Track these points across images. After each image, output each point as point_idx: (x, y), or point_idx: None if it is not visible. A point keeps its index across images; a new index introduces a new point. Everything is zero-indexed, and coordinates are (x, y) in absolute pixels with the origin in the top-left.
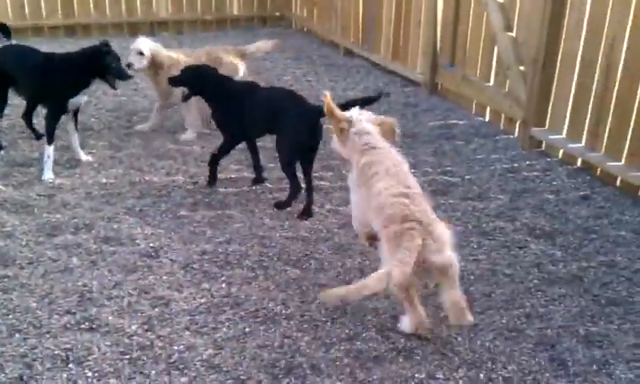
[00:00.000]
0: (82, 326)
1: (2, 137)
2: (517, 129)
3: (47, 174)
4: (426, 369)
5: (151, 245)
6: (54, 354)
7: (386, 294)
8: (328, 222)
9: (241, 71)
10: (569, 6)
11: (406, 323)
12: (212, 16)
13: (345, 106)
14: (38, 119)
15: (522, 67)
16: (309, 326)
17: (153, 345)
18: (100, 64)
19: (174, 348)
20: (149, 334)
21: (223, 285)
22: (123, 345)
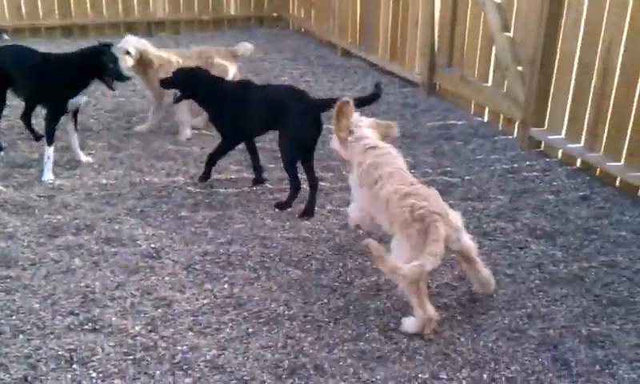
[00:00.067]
0: (86, 326)
1: (2, 138)
2: (516, 129)
3: (47, 175)
4: (430, 369)
5: (153, 245)
6: (58, 355)
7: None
8: (329, 223)
9: (231, 73)
10: (566, 7)
11: (409, 324)
12: (209, 16)
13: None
14: (37, 120)
15: (519, 67)
16: (312, 326)
17: (156, 345)
18: (98, 65)
19: (178, 348)
20: (152, 334)
21: (225, 285)
22: (127, 345)
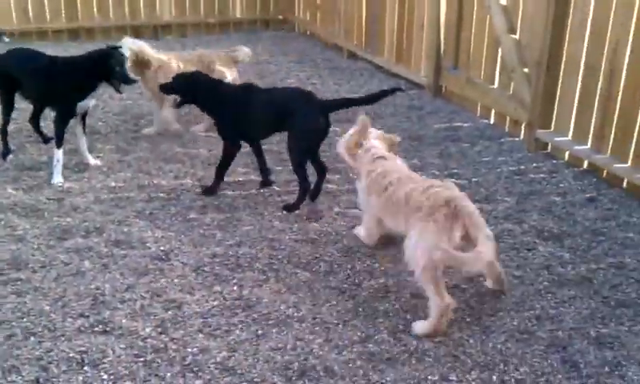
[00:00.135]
0: (96, 328)
1: (11, 141)
2: (522, 131)
3: (57, 178)
4: (439, 371)
5: (162, 248)
6: (70, 357)
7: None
8: (336, 225)
9: (230, 77)
10: (572, 8)
11: (419, 327)
12: (215, 19)
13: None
14: (46, 123)
15: (526, 69)
16: (321, 328)
17: (167, 347)
18: (106, 68)
19: (188, 350)
20: (162, 336)
21: (235, 287)
22: (137, 347)
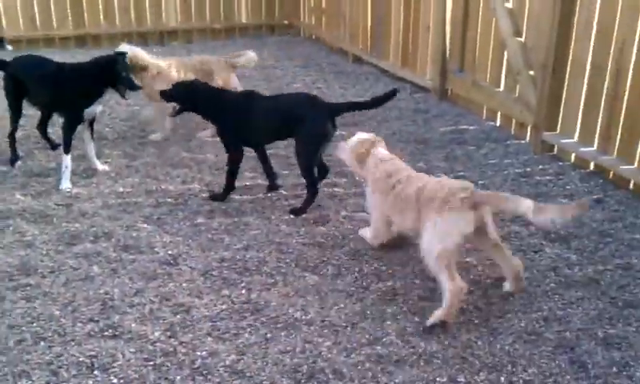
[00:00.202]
0: (106, 333)
1: (19, 147)
2: (528, 133)
3: (65, 184)
4: (447, 372)
5: (170, 252)
6: (80, 361)
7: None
8: (343, 228)
9: (233, 83)
10: (578, 10)
11: (436, 314)
12: (220, 25)
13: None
14: (54, 129)
15: (531, 72)
16: (329, 331)
17: (176, 351)
18: (112, 73)
19: (197, 354)
20: (172, 340)
21: (243, 291)
22: (147, 351)
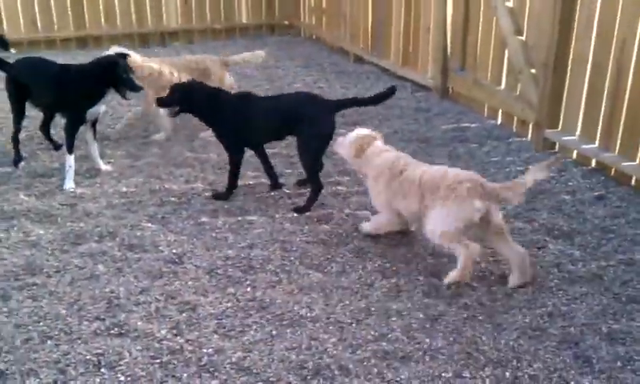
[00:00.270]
0: (112, 331)
1: (22, 148)
2: (530, 131)
3: (68, 184)
4: (453, 368)
5: (175, 251)
6: (87, 360)
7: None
8: (347, 226)
9: (227, 81)
10: (578, 9)
11: (451, 276)
12: (221, 25)
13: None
14: (57, 130)
15: (533, 70)
16: (334, 328)
17: (182, 349)
18: (113, 75)
19: (204, 351)
20: (178, 338)
21: (248, 289)
22: (153, 349)
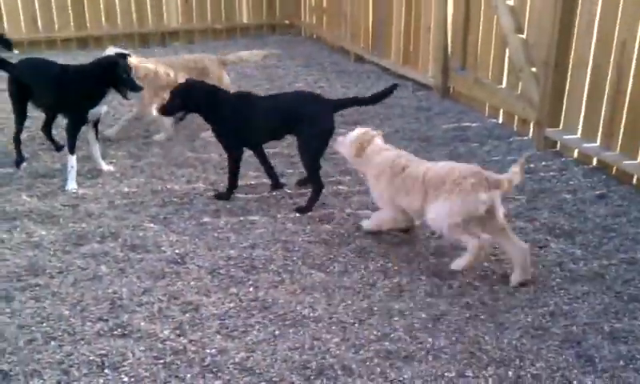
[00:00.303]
0: (115, 332)
1: (24, 149)
2: (531, 130)
3: (71, 184)
4: (456, 367)
5: (177, 251)
6: (90, 360)
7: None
8: (349, 226)
9: (225, 80)
10: (579, 7)
11: (458, 263)
12: (222, 25)
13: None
14: (58, 130)
15: (533, 69)
16: (337, 328)
17: (186, 349)
18: (113, 75)
19: (207, 351)
20: (181, 338)
21: (250, 289)
22: (157, 350)
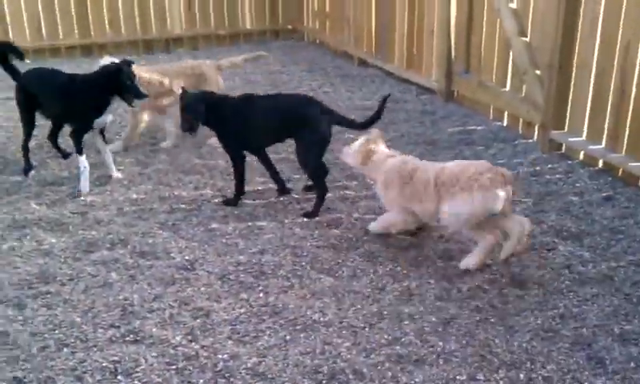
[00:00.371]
0: (127, 338)
1: (32, 157)
2: (536, 132)
3: (84, 184)
4: (467, 371)
5: (186, 258)
6: (103, 367)
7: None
8: (356, 230)
9: (221, 85)
10: (582, 9)
11: (467, 261)
12: (225, 31)
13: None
14: (64, 138)
15: (537, 71)
16: (348, 332)
17: (198, 355)
18: (118, 82)
19: (219, 357)
20: (193, 344)
21: (260, 294)
22: (169, 355)
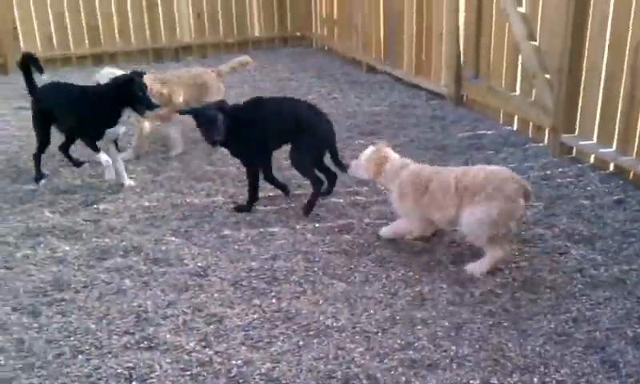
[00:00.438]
0: (142, 345)
1: (44, 166)
2: (546, 136)
3: (109, 174)
4: (480, 375)
5: (199, 264)
6: (118, 373)
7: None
8: (368, 236)
9: (222, 91)
10: (591, 11)
11: (473, 267)
12: (234, 39)
13: None
14: (75, 146)
15: (547, 75)
16: (361, 337)
17: (212, 361)
18: (129, 93)
19: (233, 363)
20: (207, 350)
21: (273, 300)
22: (183, 362)
